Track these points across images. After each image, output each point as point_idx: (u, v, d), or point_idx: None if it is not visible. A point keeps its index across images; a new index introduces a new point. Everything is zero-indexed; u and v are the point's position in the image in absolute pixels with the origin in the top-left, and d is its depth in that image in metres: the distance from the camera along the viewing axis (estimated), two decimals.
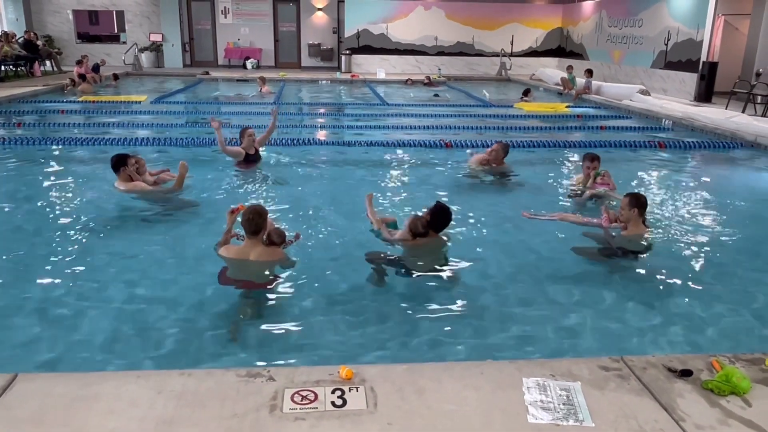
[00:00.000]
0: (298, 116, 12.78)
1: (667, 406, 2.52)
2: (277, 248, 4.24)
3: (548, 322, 3.82)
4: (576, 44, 21.89)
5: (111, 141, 8.84)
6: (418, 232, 4.51)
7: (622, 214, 4.95)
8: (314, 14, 23.30)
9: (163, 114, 11.82)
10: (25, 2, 21.68)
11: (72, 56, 19.87)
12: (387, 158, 8.49)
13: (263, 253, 4.17)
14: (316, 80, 19.42)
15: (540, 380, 2.66)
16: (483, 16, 22.59)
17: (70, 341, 3.48)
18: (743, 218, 6.15)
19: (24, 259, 4.61)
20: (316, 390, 2.55)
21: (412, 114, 12.62)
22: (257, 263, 4.15)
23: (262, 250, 4.16)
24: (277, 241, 4.24)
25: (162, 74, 20.33)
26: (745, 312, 4.03)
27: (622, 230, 5.02)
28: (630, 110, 13.45)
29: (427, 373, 2.72)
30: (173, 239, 5.06)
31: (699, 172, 8.56)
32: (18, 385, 2.58)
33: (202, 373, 2.72)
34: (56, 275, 4.29)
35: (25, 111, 11.97)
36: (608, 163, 7.56)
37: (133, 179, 5.99)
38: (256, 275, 4.16)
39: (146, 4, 22.63)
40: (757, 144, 9.59)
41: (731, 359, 2.87)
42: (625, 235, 4.96)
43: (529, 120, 12.40)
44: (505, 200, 6.55)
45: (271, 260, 4.22)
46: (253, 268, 4.15)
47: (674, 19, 16.13)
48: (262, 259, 4.16)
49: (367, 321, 3.78)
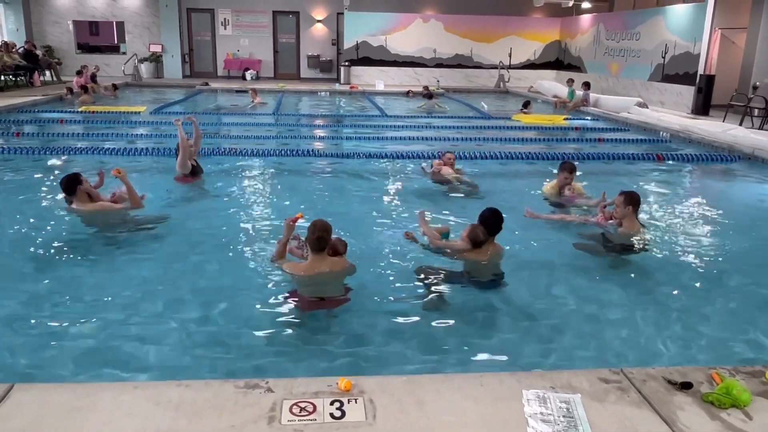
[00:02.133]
0: (296, 127, 12.82)
1: (667, 419, 2.50)
2: (343, 257, 4.21)
3: (548, 332, 3.81)
4: (574, 57, 22.02)
5: (111, 151, 8.84)
6: (479, 240, 4.40)
7: (617, 211, 5.21)
8: (314, 26, 23.42)
9: (162, 125, 11.84)
10: (25, 12, 21.79)
11: (72, 66, 19.93)
12: (386, 169, 8.50)
13: (336, 264, 4.11)
14: (316, 91, 19.48)
15: (540, 392, 2.64)
16: (481, 28, 22.73)
17: (66, 354, 3.46)
18: (741, 230, 6.15)
19: (19, 272, 4.60)
20: (315, 401, 2.53)
21: (411, 126, 12.66)
22: (334, 275, 4.09)
23: (332, 261, 4.09)
24: (342, 250, 4.21)
25: (161, 85, 20.39)
26: (743, 324, 4.02)
27: (618, 227, 5.22)
28: (628, 123, 13.50)
29: (427, 385, 2.71)
30: (164, 256, 4.96)
31: (697, 185, 8.58)
32: (14, 395, 2.56)
33: (199, 384, 2.70)
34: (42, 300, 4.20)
35: (23, 120, 11.99)
36: (606, 175, 7.59)
37: (93, 197, 5.43)
38: (334, 288, 4.09)
39: (146, 15, 22.74)
40: (755, 157, 9.62)
41: (731, 372, 2.86)
42: (621, 233, 5.18)
43: (527, 132, 12.44)
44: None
45: (343, 270, 4.17)
46: (331, 281, 4.09)
47: (671, 32, 16.24)
48: (337, 270, 4.11)
49: (366, 332, 3.77)
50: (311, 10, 23.22)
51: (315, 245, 3.96)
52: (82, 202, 5.36)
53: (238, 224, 5.78)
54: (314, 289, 4.06)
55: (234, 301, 4.14)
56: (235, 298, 4.19)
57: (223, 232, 5.51)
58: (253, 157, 8.75)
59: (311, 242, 3.97)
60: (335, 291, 4.07)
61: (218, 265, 4.78)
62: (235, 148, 9.08)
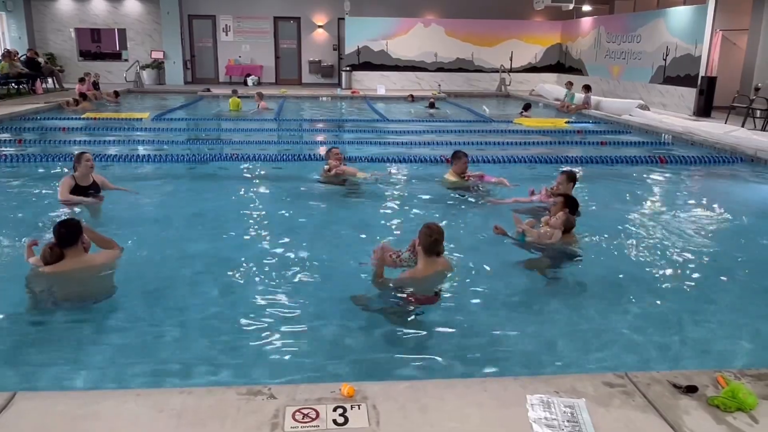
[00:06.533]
0: (298, 132, 12.84)
1: (673, 423, 2.49)
2: (442, 257, 4.31)
3: (546, 336, 3.79)
4: (575, 60, 22.02)
5: (114, 158, 8.86)
6: (572, 224, 5.00)
7: (559, 188, 6.11)
8: (315, 31, 23.47)
9: (164, 131, 11.87)
10: (27, 20, 21.89)
11: (74, 74, 20.00)
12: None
13: (444, 264, 4.33)
14: (317, 97, 19.51)
15: (544, 397, 2.63)
16: (482, 32, 22.74)
17: (70, 361, 3.46)
18: (744, 232, 6.14)
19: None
20: (318, 408, 2.52)
21: (413, 130, 12.67)
22: (442, 274, 4.33)
23: (442, 262, 4.29)
24: (442, 251, 4.31)
25: (163, 91, 20.44)
26: (747, 327, 4.00)
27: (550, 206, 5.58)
28: (629, 125, 13.48)
29: (430, 391, 2.70)
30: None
31: (699, 187, 8.56)
32: (17, 403, 2.55)
33: (202, 392, 2.69)
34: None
35: (26, 128, 12.03)
36: (609, 178, 7.56)
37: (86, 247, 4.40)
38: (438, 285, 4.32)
39: (148, 22, 22.81)
40: (757, 158, 9.60)
41: (737, 375, 2.84)
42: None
43: (529, 135, 12.44)
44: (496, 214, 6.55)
45: (449, 267, 4.41)
46: (440, 280, 4.30)
47: (672, 34, 16.23)
48: (445, 270, 4.35)
49: (368, 337, 3.76)
50: (312, 15, 23.27)
51: (432, 248, 4.13)
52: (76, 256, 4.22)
53: (235, 229, 5.79)
54: (426, 289, 4.22)
55: (234, 305, 4.14)
56: (236, 301, 4.19)
57: (219, 237, 5.52)
58: (254, 162, 8.76)
59: (428, 245, 4.12)
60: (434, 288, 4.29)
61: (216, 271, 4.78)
62: (236, 154, 9.11)
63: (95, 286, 4.33)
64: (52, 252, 4.15)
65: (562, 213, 5.09)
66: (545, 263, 5.01)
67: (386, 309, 4.05)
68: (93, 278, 4.35)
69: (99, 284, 4.34)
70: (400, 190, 7.59)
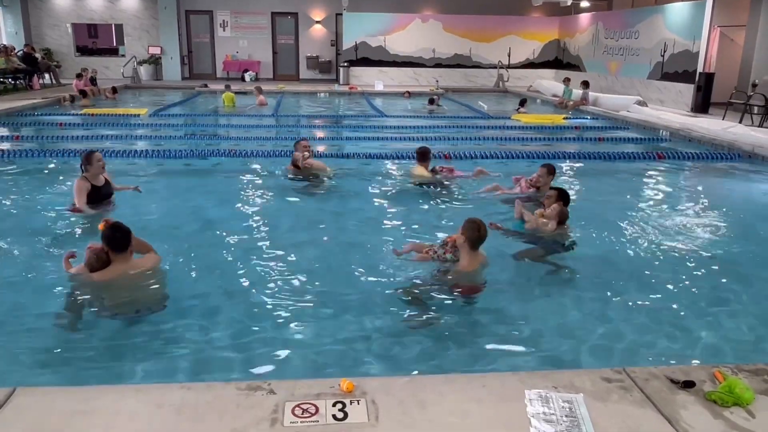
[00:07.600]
0: (296, 128, 12.82)
1: (670, 418, 2.50)
2: (480, 250, 4.40)
3: (547, 331, 3.80)
4: (573, 56, 22.01)
5: (112, 153, 8.83)
6: (566, 216, 5.32)
7: (539, 180, 6.48)
8: (312, 27, 23.41)
9: (162, 127, 11.84)
10: (24, 16, 21.78)
11: (71, 69, 19.93)
12: (385, 169, 8.50)
13: (483, 258, 4.45)
14: (315, 92, 19.48)
15: (542, 392, 2.64)
16: (480, 28, 22.72)
17: (68, 355, 3.46)
18: (742, 228, 6.16)
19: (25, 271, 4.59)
20: (317, 403, 2.53)
21: (411, 126, 12.66)
22: (484, 265, 4.47)
23: (482, 255, 4.41)
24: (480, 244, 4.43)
25: (161, 87, 20.38)
26: (745, 322, 4.02)
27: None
28: (627, 121, 13.49)
29: (429, 386, 2.70)
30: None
31: (697, 183, 8.57)
32: (16, 399, 2.55)
33: (201, 387, 2.69)
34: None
35: (23, 123, 11.99)
36: (607, 174, 7.57)
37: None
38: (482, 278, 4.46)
39: (145, 18, 22.73)
40: (755, 154, 9.62)
41: (734, 370, 2.86)
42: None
43: (526, 131, 12.44)
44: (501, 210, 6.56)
45: (486, 261, 4.51)
46: (483, 272, 4.47)
47: (670, 30, 16.24)
48: (485, 262, 4.49)
49: (368, 333, 3.76)
50: (310, 11, 23.21)
51: (477, 242, 4.26)
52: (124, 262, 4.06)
53: (233, 228, 5.78)
54: (474, 281, 4.37)
55: (233, 301, 4.14)
56: (235, 297, 4.20)
57: (218, 237, 5.52)
58: (253, 158, 8.75)
59: (475, 239, 4.23)
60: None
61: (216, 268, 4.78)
62: (234, 150, 9.09)
63: (144, 292, 4.16)
64: (99, 258, 3.96)
65: (556, 205, 5.36)
66: (540, 253, 5.12)
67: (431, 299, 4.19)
68: (141, 285, 4.17)
69: (148, 291, 4.19)
70: (379, 184, 7.61)
